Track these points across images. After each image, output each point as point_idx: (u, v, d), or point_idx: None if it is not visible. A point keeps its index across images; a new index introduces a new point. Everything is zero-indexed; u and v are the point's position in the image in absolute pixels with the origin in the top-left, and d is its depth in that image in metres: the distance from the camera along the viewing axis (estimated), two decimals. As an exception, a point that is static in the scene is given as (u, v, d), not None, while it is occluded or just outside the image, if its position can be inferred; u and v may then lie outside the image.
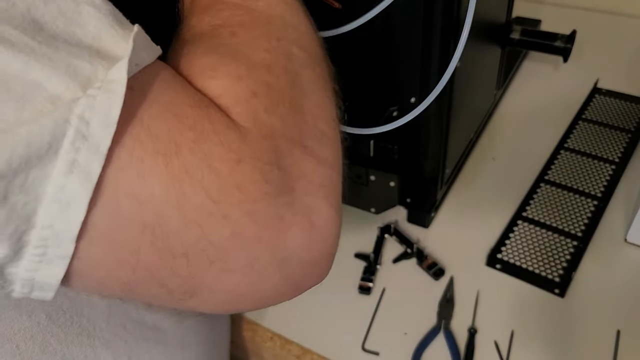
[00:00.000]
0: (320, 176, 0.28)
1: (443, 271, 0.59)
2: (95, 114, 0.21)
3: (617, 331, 0.52)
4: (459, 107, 0.60)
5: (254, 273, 0.26)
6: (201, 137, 0.24)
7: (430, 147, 0.60)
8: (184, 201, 0.23)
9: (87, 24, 0.23)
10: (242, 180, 0.24)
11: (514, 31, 0.71)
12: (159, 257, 0.24)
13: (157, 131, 0.23)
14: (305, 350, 0.54)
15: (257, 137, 0.25)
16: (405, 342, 0.54)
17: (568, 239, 0.61)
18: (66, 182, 0.21)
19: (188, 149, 0.23)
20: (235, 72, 0.27)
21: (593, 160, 0.70)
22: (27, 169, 0.20)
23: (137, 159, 0.23)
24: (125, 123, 0.22)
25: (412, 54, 0.54)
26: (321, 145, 0.29)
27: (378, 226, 0.64)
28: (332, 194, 0.28)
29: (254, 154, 0.25)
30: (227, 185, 0.24)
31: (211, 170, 0.24)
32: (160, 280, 0.25)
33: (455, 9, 0.50)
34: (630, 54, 0.87)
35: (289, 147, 0.27)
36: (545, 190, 0.67)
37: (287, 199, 0.25)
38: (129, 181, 0.22)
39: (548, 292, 0.56)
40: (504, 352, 0.52)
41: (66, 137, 0.21)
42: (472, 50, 0.58)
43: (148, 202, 0.23)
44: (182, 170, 0.23)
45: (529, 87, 0.83)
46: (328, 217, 0.27)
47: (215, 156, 0.24)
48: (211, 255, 0.24)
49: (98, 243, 0.23)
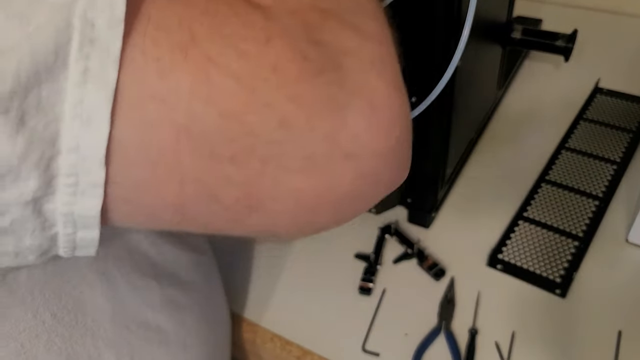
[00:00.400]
0: (369, 52, 0.24)
1: (444, 272, 0.59)
2: (99, 13, 0.19)
3: (619, 332, 0.52)
4: (459, 107, 0.60)
5: (318, 170, 0.22)
6: (218, 20, 0.21)
7: (431, 146, 0.60)
8: (215, 93, 0.20)
9: None
10: (277, 59, 0.21)
11: (515, 30, 0.71)
12: (204, 164, 0.21)
13: (168, 22, 0.20)
14: (306, 351, 0.54)
15: (283, 13, 0.22)
16: (406, 342, 0.53)
17: (569, 239, 0.61)
18: (83, 93, 0.19)
19: (206, 34, 0.21)
20: None
21: (594, 160, 0.70)
22: (37, 84, 0.18)
23: (153, 58, 0.20)
24: (130, 20, 0.20)
25: (413, 54, 0.54)
26: (363, 18, 0.25)
27: (378, 226, 0.64)
28: (387, 71, 0.24)
29: (283, 31, 0.22)
30: (259, 68, 0.21)
31: (237, 52, 0.21)
32: (212, 194, 0.22)
33: (456, 8, 0.49)
34: (631, 53, 0.87)
35: (323, 20, 0.23)
36: (547, 190, 0.66)
37: (334, 76, 0.22)
38: (149, 83, 0.20)
39: (549, 293, 0.56)
40: (505, 352, 0.52)
41: (72, 42, 0.19)
42: (473, 50, 0.58)
43: (176, 101, 0.20)
44: (204, 59, 0.20)
45: (530, 87, 0.83)
46: (389, 96, 0.24)
47: (239, 38, 0.21)
48: (262, 154, 0.21)
49: (133, 161, 0.20)
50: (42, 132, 0.19)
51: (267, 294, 0.59)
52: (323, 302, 0.58)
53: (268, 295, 0.59)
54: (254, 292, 0.59)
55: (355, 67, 0.23)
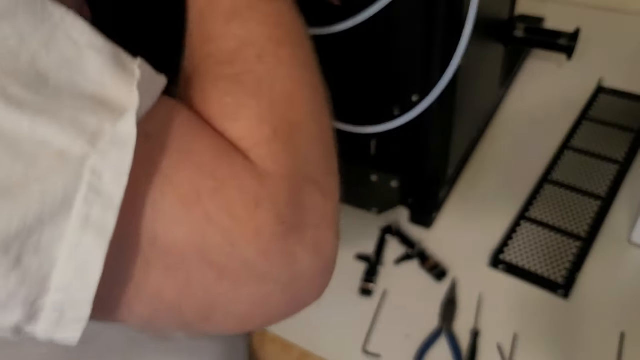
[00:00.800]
0: (327, 208, 0.29)
1: (445, 272, 0.59)
2: (107, 168, 0.21)
3: (622, 333, 0.52)
4: (461, 106, 0.59)
5: (265, 302, 0.28)
6: (221, 184, 0.25)
7: (432, 146, 0.59)
8: (205, 245, 0.24)
9: (90, 70, 0.23)
10: (260, 224, 0.25)
11: (517, 29, 0.70)
12: (180, 294, 0.25)
13: (178, 180, 0.24)
14: (306, 352, 0.54)
15: (275, 179, 0.27)
16: (407, 344, 0.53)
17: (572, 239, 0.60)
18: (81, 238, 0.21)
19: (209, 196, 0.24)
20: (257, 113, 0.28)
21: (597, 159, 0.69)
22: (41, 227, 0.20)
23: (159, 209, 0.23)
24: (145, 172, 0.23)
25: (414, 52, 0.53)
26: (328, 177, 0.30)
27: (379, 227, 0.64)
28: (334, 222, 0.30)
29: (272, 196, 0.26)
30: (244, 229, 0.25)
31: (231, 216, 0.25)
32: (179, 315, 0.26)
33: (458, 6, 0.49)
34: (634, 52, 0.86)
35: (305, 185, 0.28)
36: (549, 191, 0.66)
37: (298, 235, 0.27)
38: (152, 229, 0.23)
39: (552, 294, 0.56)
40: (507, 354, 0.52)
41: (79, 192, 0.21)
42: (474, 48, 0.57)
43: (171, 247, 0.24)
44: (203, 217, 0.24)
45: (533, 86, 0.83)
46: (332, 244, 0.29)
47: (235, 202, 0.25)
48: (228, 290, 0.26)
49: (121, 287, 0.24)
50: (35, 272, 0.20)
51: (267, 294, 0.59)
52: (323, 303, 0.57)
53: (268, 296, 0.59)
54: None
55: (316, 223, 0.28)
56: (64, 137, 0.21)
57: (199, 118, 0.28)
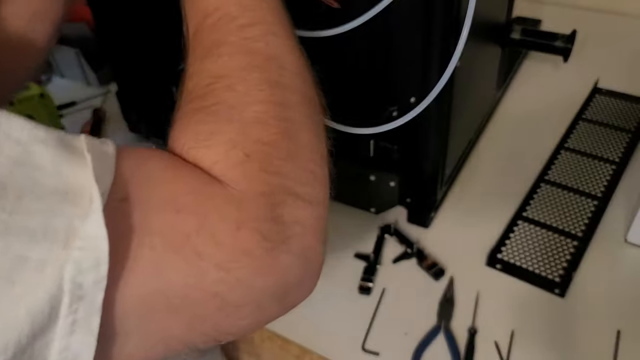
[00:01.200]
0: (312, 217, 0.31)
1: (443, 271, 0.59)
2: (86, 275, 0.22)
3: (618, 331, 0.52)
4: (459, 107, 0.60)
5: (263, 312, 0.30)
6: (203, 219, 0.27)
7: (430, 147, 0.60)
8: (202, 280, 0.26)
9: (43, 165, 0.23)
10: (245, 244, 0.27)
11: (514, 31, 0.71)
12: (187, 330, 0.27)
13: (164, 229, 0.26)
14: (305, 350, 0.54)
15: (252, 198, 0.28)
16: (406, 342, 0.53)
17: (568, 239, 0.61)
18: (69, 342, 0.22)
19: (195, 234, 0.26)
20: (229, 138, 0.30)
21: (593, 160, 0.70)
22: (33, 342, 0.21)
23: (151, 262, 0.25)
24: (131, 233, 0.25)
25: (412, 54, 0.54)
26: (312, 187, 0.32)
27: (378, 226, 0.64)
28: (320, 230, 0.32)
29: (251, 216, 0.28)
30: (233, 254, 0.27)
31: (218, 245, 0.26)
32: (187, 344, 0.28)
33: (455, 8, 0.50)
34: (630, 53, 0.87)
35: (284, 198, 0.29)
36: (546, 190, 0.67)
37: (285, 246, 0.29)
38: (148, 282, 0.25)
39: (548, 292, 0.56)
40: (504, 352, 0.52)
41: (63, 303, 0.22)
42: (472, 50, 0.58)
43: (171, 292, 0.25)
44: (194, 255, 0.26)
45: (529, 87, 0.83)
46: (318, 250, 0.31)
47: (219, 232, 0.27)
48: (230, 313, 0.28)
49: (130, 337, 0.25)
50: None
51: (266, 293, 0.59)
52: (323, 301, 0.58)
53: (268, 295, 0.59)
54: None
55: (301, 232, 0.30)
56: (39, 248, 0.22)
57: (169, 157, 0.29)
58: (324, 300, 0.58)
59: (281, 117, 0.31)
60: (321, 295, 0.59)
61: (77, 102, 0.90)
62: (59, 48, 0.91)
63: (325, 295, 0.58)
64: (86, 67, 0.92)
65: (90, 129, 0.82)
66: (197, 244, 0.26)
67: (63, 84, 0.96)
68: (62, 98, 0.89)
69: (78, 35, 0.92)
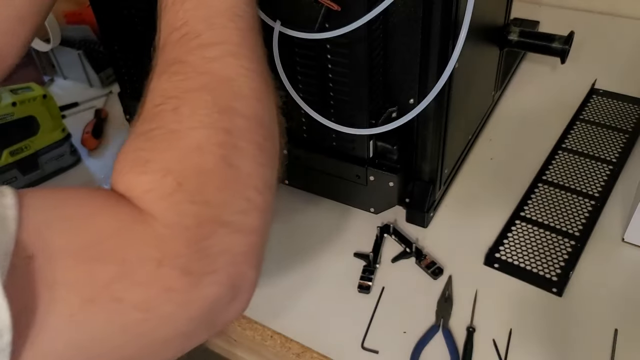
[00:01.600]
0: (244, 245, 0.30)
1: (442, 270, 0.60)
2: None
3: (615, 330, 0.53)
4: (457, 108, 0.60)
5: (189, 340, 0.30)
6: (122, 265, 0.26)
7: (429, 147, 0.61)
8: (123, 323, 0.26)
9: None
10: (166, 282, 0.27)
11: (512, 32, 0.71)
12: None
13: (79, 281, 0.25)
14: (305, 348, 0.54)
15: (176, 233, 0.28)
16: (404, 340, 0.54)
17: (566, 238, 0.61)
18: None
19: (113, 280, 0.26)
20: (164, 166, 0.29)
21: (590, 160, 0.70)
22: None
23: (66, 316, 0.24)
24: (42, 290, 0.24)
25: (411, 55, 0.54)
26: (246, 216, 0.31)
27: (377, 226, 0.65)
28: (254, 257, 0.31)
29: (173, 253, 0.27)
30: (155, 292, 0.27)
31: (137, 286, 0.26)
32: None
33: (454, 10, 0.50)
34: (627, 54, 0.88)
35: (212, 229, 0.29)
36: (543, 190, 0.67)
37: (211, 278, 0.28)
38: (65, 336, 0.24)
39: (546, 291, 0.57)
40: (502, 350, 0.52)
41: None
42: (470, 52, 0.59)
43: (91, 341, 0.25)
44: (114, 301, 0.26)
45: (527, 88, 0.84)
46: (250, 278, 0.31)
47: (137, 272, 0.26)
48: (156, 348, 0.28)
49: None
50: None
51: (267, 292, 0.60)
52: (323, 300, 0.58)
53: (268, 294, 0.59)
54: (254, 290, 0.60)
55: (231, 261, 0.29)
56: None
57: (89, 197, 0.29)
58: (324, 299, 0.59)
59: (223, 144, 0.31)
60: (321, 294, 0.60)
61: (79, 102, 0.91)
62: (62, 49, 0.92)
63: (325, 294, 0.59)
64: (89, 68, 0.93)
65: (92, 130, 0.83)
66: (116, 289, 0.26)
67: (66, 85, 0.97)
68: (64, 99, 0.90)
69: (81, 37, 0.93)
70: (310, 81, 0.57)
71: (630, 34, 0.92)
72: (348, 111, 0.57)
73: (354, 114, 0.57)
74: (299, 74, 0.57)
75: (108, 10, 0.66)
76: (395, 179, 0.60)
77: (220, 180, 0.30)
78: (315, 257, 0.63)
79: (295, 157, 0.65)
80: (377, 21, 0.52)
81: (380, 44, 0.54)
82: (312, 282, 0.60)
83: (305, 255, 0.63)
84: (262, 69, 0.35)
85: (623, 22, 0.95)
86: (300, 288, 0.60)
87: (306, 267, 0.62)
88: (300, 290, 0.60)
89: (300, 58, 0.56)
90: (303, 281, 0.60)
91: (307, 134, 0.63)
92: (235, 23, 0.35)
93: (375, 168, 0.61)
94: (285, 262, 0.62)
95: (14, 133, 0.72)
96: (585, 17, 0.97)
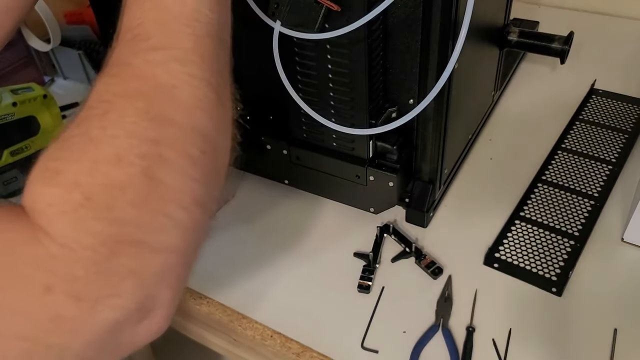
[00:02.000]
0: (157, 265, 0.28)
1: (441, 270, 0.60)
2: None
3: (614, 329, 0.53)
4: (457, 108, 0.60)
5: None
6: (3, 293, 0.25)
7: (428, 147, 0.61)
8: (7, 355, 0.24)
9: None
10: (52, 310, 0.25)
11: (512, 33, 0.71)
12: None
13: None
14: (305, 348, 0.55)
15: (74, 252, 0.26)
16: (404, 340, 0.54)
17: (565, 238, 0.61)
18: None
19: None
20: (72, 179, 0.27)
21: (590, 160, 0.70)
22: None
23: None
24: None
25: (411, 55, 0.54)
26: (165, 234, 0.28)
27: (377, 226, 0.65)
28: (171, 277, 0.29)
29: (66, 275, 0.25)
30: (40, 322, 0.25)
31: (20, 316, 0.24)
32: None
33: (454, 10, 0.50)
34: (627, 55, 0.88)
35: (119, 249, 0.27)
36: (543, 190, 0.67)
37: (110, 302, 0.26)
38: None
39: (545, 291, 0.57)
40: (501, 350, 0.53)
41: None
42: (470, 52, 0.59)
43: None
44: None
45: (527, 88, 0.84)
46: (164, 299, 0.29)
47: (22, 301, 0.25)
48: None
49: None
50: None
51: (267, 291, 0.60)
52: (322, 299, 0.59)
53: (268, 293, 0.59)
54: (254, 290, 0.60)
55: (138, 284, 0.27)
56: None
57: None
58: (324, 298, 0.59)
59: (146, 155, 0.28)
60: (321, 293, 0.60)
61: (79, 103, 0.91)
62: (63, 50, 0.92)
63: (325, 294, 0.59)
64: (89, 68, 0.93)
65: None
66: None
67: (66, 85, 0.97)
68: (65, 99, 0.90)
69: (81, 37, 0.93)
70: (310, 81, 0.57)
71: (630, 34, 0.92)
72: (348, 111, 0.57)
73: (354, 114, 0.57)
74: (299, 74, 0.57)
75: (108, 10, 0.66)
76: (395, 179, 0.61)
77: (135, 195, 0.27)
78: (315, 256, 0.63)
79: (296, 157, 0.65)
80: (377, 21, 0.52)
81: (380, 44, 0.54)
82: (312, 281, 0.60)
83: (305, 255, 0.63)
84: (214, 79, 0.33)
85: (623, 22, 0.95)
86: (300, 288, 0.60)
87: (306, 267, 0.62)
88: (300, 290, 0.60)
89: (300, 58, 0.56)
90: (303, 281, 0.60)
91: (307, 134, 0.63)
92: (192, 29, 0.32)
93: (375, 168, 0.61)
94: (285, 262, 0.63)
95: (14, 133, 0.72)
96: (585, 17, 0.98)
